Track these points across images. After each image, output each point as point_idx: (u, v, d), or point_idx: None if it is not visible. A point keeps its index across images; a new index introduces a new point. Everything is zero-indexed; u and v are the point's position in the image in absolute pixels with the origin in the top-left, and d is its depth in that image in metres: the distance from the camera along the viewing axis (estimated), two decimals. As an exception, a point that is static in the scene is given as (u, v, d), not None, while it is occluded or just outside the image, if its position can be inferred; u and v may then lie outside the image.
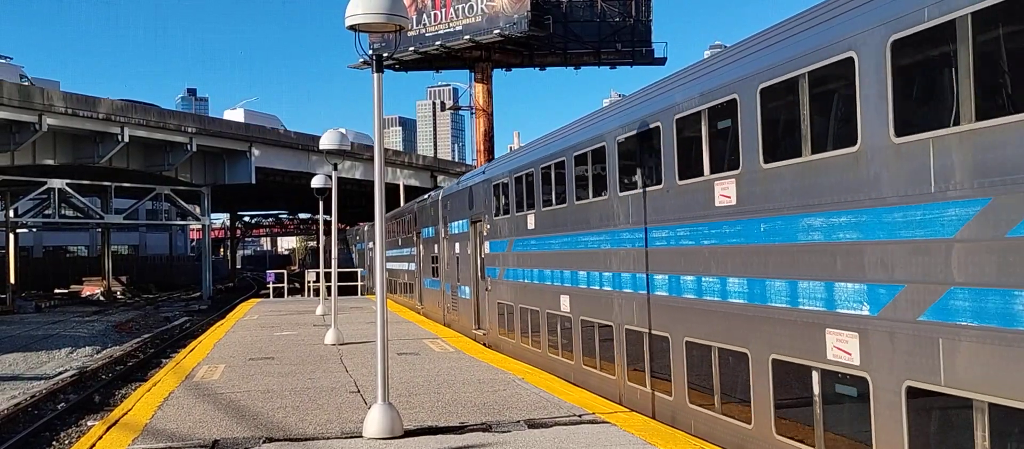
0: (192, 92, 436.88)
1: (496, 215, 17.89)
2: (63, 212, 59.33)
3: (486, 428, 9.74)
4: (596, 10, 63.62)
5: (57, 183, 53.26)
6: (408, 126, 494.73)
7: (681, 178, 9.72)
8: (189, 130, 54.61)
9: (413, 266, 28.96)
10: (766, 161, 8.00)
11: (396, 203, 47.02)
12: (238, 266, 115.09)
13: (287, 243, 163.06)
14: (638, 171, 10.82)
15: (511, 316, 17.01)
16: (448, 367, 14.68)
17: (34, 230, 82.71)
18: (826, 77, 7.05)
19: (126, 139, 50.12)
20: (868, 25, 6.51)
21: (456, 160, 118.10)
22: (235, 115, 77.22)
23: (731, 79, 8.59)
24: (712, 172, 8.99)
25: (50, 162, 50.29)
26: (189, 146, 54.44)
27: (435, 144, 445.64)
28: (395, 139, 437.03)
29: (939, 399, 6.11)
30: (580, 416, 10.24)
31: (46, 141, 48.79)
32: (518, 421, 10.03)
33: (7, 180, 52.42)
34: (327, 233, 27.22)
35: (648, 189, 10.55)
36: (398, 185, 59.66)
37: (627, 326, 11.48)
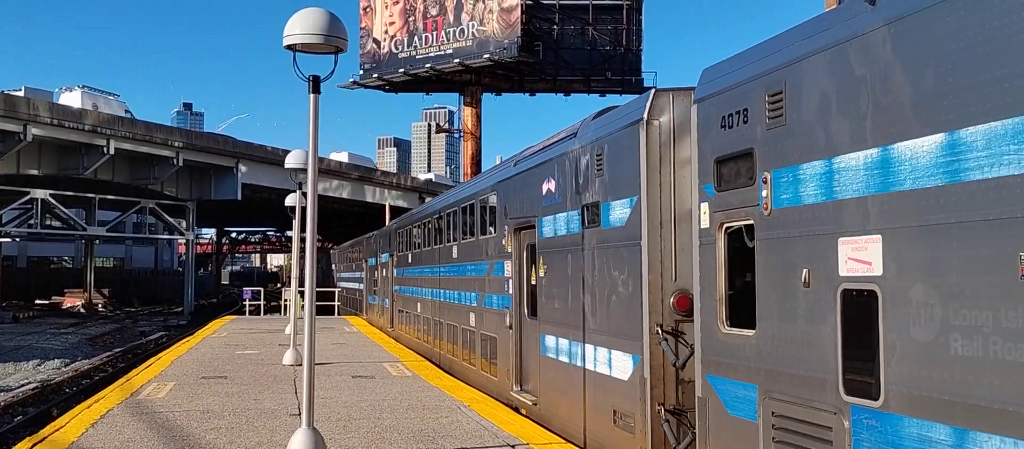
0: (188, 107, 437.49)
1: (399, 251, 26.15)
2: (46, 223, 59.10)
3: (415, 456, 9.59)
4: (587, 38, 63.88)
5: (40, 193, 53.03)
6: (403, 147, 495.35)
7: (450, 242, 18.04)
8: (176, 144, 54.50)
9: (362, 285, 37.85)
10: (462, 239, 16.85)
11: (382, 224, 46.99)
12: (225, 282, 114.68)
13: (276, 260, 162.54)
14: (436, 238, 19.76)
15: (402, 316, 25.64)
16: (398, 391, 14.54)
17: (17, 240, 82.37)
18: (473, 208, 16.06)
19: (111, 152, 49.99)
20: (497, 180, 14.55)
21: (447, 182, 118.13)
22: (341, 156, 78.68)
23: (455, 200, 17.85)
24: (451, 241, 17.83)
25: (34, 172, 50.12)
26: (175, 160, 54.31)
27: (429, 165, 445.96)
28: (390, 160, 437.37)
29: (488, 338, 14.67)
30: (513, 446, 10.11)
31: (31, 151, 48.65)
32: (449, 450, 9.90)
33: (-10, 189, 52.21)
34: (303, 251, 29.59)
35: (437, 246, 19.56)
36: (385, 206, 59.61)
37: (435, 318, 19.92)
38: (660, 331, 8.16)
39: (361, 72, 67.79)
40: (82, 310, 61.87)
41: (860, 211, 5.47)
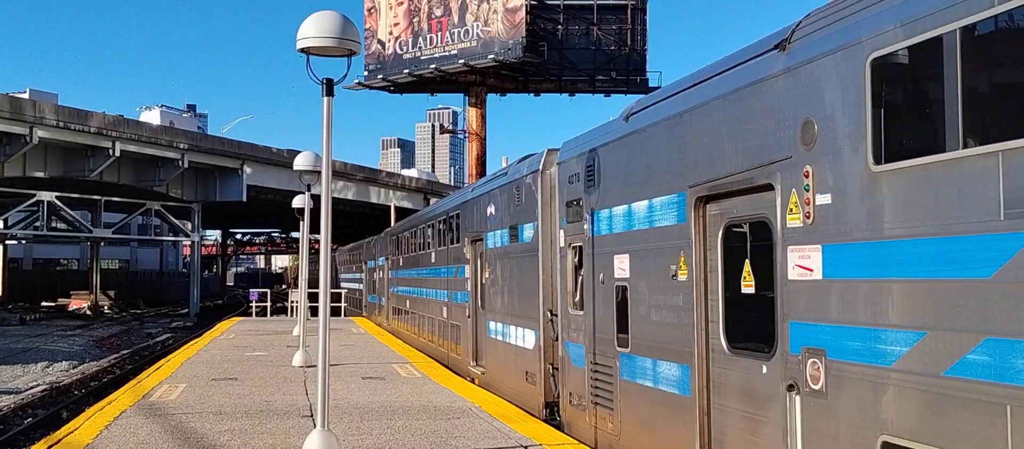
0: (192, 108, 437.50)
1: (393, 254, 30.05)
2: (52, 225, 59.24)
3: (429, 457, 9.62)
4: (591, 38, 63.78)
5: (46, 196, 53.11)
6: (407, 148, 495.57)
7: (429, 249, 21.22)
8: (181, 146, 54.55)
9: (362, 285, 42.23)
10: (437, 247, 20.11)
11: (388, 224, 47.08)
12: (230, 283, 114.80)
13: (281, 261, 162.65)
14: (420, 245, 23.10)
15: (397, 312, 29.28)
16: (408, 392, 14.57)
17: (23, 242, 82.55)
18: (445, 222, 19.19)
19: (117, 154, 50.05)
20: (461, 201, 17.91)
21: (453, 183, 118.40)
22: (411, 173, 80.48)
23: (433, 215, 21.55)
24: (431, 249, 20.86)
25: (40, 174, 50.20)
26: (180, 162, 54.36)
27: (433, 166, 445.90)
28: (394, 160, 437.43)
29: (455, 325, 18.01)
30: (526, 447, 10.14)
31: (37, 153, 48.75)
32: (463, 451, 9.93)
33: (-4, 191, 52.32)
34: (312, 250, 31.29)
35: (421, 253, 22.78)
36: (390, 207, 59.62)
37: (420, 313, 23.53)
38: (549, 314, 12.07)
39: (365, 73, 67.77)
40: (88, 312, 62.00)
41: (622, 240, 9.22)
